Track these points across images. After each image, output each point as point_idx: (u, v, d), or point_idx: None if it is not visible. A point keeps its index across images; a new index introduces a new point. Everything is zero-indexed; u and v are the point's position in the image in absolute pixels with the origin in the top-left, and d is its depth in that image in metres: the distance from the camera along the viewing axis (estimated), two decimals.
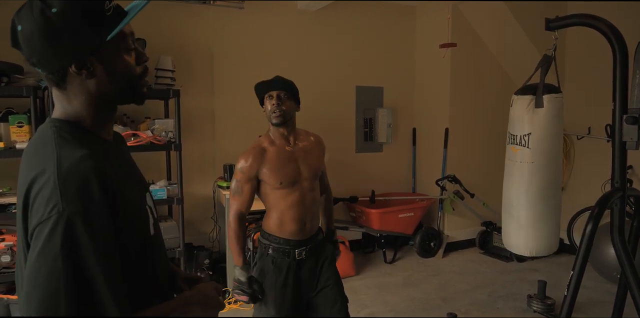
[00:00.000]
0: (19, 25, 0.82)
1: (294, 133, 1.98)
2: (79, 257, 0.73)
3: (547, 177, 2.14)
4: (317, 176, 1.99)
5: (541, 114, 2.06)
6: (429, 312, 3.15)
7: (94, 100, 0.88)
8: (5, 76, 2.71)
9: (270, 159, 1.89)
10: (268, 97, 1.91)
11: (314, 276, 1.97)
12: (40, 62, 0.84)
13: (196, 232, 3.90)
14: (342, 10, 4.37)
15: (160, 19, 3.59)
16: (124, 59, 0.89)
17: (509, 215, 2.28)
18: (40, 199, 0.76)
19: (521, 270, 4.00)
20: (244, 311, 3.15)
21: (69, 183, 0.76)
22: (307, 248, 1.95)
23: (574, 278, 1.76)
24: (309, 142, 2.02)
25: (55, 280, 0.72)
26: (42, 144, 0.84)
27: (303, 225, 1.93)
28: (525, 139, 2.11)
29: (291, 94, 1.92)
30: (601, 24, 1.83)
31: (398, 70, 4.77)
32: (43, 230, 0.74)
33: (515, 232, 2.24)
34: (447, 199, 4.42)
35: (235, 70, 3.99)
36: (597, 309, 3.16)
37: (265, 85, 1.92)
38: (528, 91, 2.12)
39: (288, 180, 1.89)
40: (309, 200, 1.95)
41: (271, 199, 1.94)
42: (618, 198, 1.86)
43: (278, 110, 1.86)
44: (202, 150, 3.92)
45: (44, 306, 0.72)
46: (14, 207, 2.73)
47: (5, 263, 2.67)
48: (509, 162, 2.27)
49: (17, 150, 2.73)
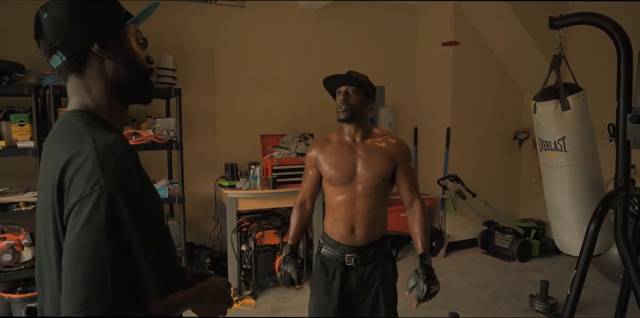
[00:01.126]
0: (44, 14, 0.88)
1: (363, 131, 1.84)
2: (121, 231, 0.76)
3: (590, 177, 2.11)
4: (376, 182, 1.81)
5: (570, 116, 2.03)
6: (430, 312, 3.14)
7: (111, 87, 0.93)
8: (7, 75, 2.70)
9: (328, 152, 1.84)
10: (337, 92, 1.82)
11: (363, 287, 1.85)
12: (64, 44, 0.88)
13: (197, 231, 3.89)
14: (343, 9, 4.36)
15: (162, 18, 3.58)
16: (138, 48, 0.96)
17: (558, 220, 2.24)
18: (79, 177, 0.78)
19: (523, 270, 3.99)
20: (245, 311, 3.15)
21: (108, 161, 0.78)
22: (357, 256, 1.83)
23: (576, 278, 1.75)
24: (379, 145, 1.84)
25: (101, 252, 0.74)
26: (70, 130, 0.87)
27: (351, 229, 1.83)
28: (561, 144, 2.07)
29: (362, 89, 1.80)
30: (606, 22, 1.82)
31: (400, 70, 4.76)
32: (85, 205, 0.75)
33: (568, 234, 2.20)
34: (449, 199, 4.41)
35: (237, 69, 3.98)
36: (600, 309, 3.15)
37: (334, 80, 1.83)
38: (549, 95, 2.07)
39: (338, 179, 1.81)
40: (362, 205, 1.81)
41: (327, 194, 1.90)
42: (622, 197, 1.85)
43: (344, 106, 1.77)
44: (204, 149, 3.91)
45: (89, 279, 0.73)
46: (15, 206, 2.73)
47: (7, 262, 2.66)
48: (547, 169, 2.22)
49: (19, 149, 2.73)
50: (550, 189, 2.23)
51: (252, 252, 3.38)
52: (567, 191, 2.13)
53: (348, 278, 1.84)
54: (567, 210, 2.15)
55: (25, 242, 2.72)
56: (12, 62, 2.70)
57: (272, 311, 3.15)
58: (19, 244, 2.71)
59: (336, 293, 1.83)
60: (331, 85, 1.84)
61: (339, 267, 1.84)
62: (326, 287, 1.84)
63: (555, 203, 2.22)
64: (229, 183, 3.54)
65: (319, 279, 1.88)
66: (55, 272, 0.80)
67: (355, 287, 1.84)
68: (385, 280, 1.87)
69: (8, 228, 2.77)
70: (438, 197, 4.48)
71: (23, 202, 2.72)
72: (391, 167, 1.83)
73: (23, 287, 2.80)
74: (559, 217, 2.21)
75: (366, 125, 1.85)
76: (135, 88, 0.97)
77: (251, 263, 3.40)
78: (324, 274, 1.86)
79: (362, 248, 1.84)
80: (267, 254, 3.42)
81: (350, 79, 1.79)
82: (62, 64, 0.90)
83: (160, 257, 0.92)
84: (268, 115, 4.10)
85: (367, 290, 1.85)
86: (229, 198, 3.42)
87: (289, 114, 4.07)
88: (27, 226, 2.78)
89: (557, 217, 2.24)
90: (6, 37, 3.11)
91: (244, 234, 3.45)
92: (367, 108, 1.83)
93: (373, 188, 1.81)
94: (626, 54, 1.79)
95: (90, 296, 0.72)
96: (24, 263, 2.72)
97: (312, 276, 1.95)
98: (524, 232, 4.30)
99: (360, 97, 1.79)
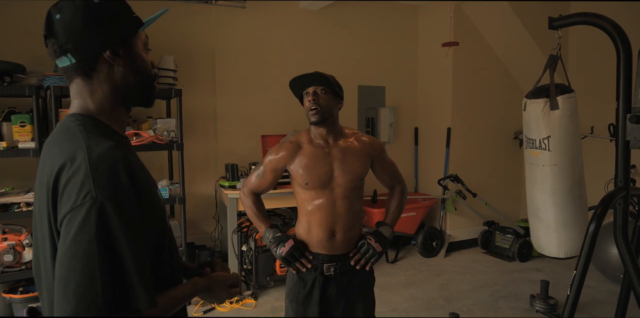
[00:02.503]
0: (57, 14, 0.87)
1: (335, 133, 1.78)
2: (111, 241, 0.77)
3: (572, 178, 2.12)
4: (354, 183, 1.77)
5: (557, 116, 2.04)
6: (431, 312, 3.14)
7: (117, 91, 0.93)
8: (8, 76, 2.71)
9: (303, 157, 1.75)
10: (305, 94, 1.75)
11: (343, 296, 1.80)
12: (76, 47, 0.88)
13: (198, 231, 3.90)
14: (344, 9, 4.36)
15: (163, 18, 3.55)
16: (145, 55, 0.98)
17: (537, 219, 2.25)
18: (71, 186, 0.78)
19: (523, 270, 3.99)
20: (246, 311, 3.16)
21: (100, 171, 0.79)
22: (338, 265, 1.77)
23: (576, 278, 1.75)
24: (352, 145, 1.79)
25: (92, 262, 0.75)
26: (67, 135, 0.87)
27: (331, 234, 1.76)
28: (545, 143, 2.09)
29: (330, 89, 1.73)
30: (605, 22, 1.83)
31: (400, 70, 4.77)
32: (77, 216, 0.76)
33: (546, 235, 2.21)
34: (449, 199, 4.41)
35: (237, 70, 3.99)
36: (600, 309, 3.15)
37: (300, 82, 1.75)
38: (540, 94, 2.10)
39: (316, 183, 1.74)
40: (341, 208, 1.76)
41: (299, 199, 1.82)
42: (621, 197, 1.85)
43: (315, 107, 1.69)
44: (204, 149, 3.92)
45: (80, 288, 0.74)
46: (16, 207, 2.73)
47: (8, 263, 2.67)
48: (530, 166, 2.24)
49: (20, 150, 2.74)
50: (532, 188, 2.25)
51: (252, 253, 3.38)
52: (548, 190, 2.14)
53: (328, 288, 1.79)
54: (547, 210, 2.17)
55: (27, 242, 2.73)
56: (14, 63, 2.71)
57: (272, 311, 3.15)
58: (20, 245, 2.72)
59: (316, 303, 1.77)
60: (298, 87, 1.77)
61: (318, 277, 1.77)
62: (305, 298, 1.78)
63: (535, 202, 2.24)
64: (230, 183, 3.55)
65: (296, 292, 1.80)
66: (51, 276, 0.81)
67: (335, 295, 1.79)
68: (365, 287, 1.86)
69: (9, 228, 2.78)
70: (438, 197, 4.48)
71: (24, 203, 2.73)
72: (367, 166, 1.83)
73: (24, 287, 2.81)
74: (538, 216, 2.23)
75: (337, 126, 1.80)
76: (141, 93, 0.98)
77: (252, 263, 3.40)
78: (302, 287, 1.79)
79: (340, 257, 1.79)
80: (268, 254, 3.42)
81: (319, 78, 1.72)
82: (70, 65, 0.90)
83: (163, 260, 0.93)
84: (269, 115, 4.11)
85: (347, 298, 1.81)
86: (230, 199, 3.43)
87: (289, 115, 4.08)
88: (29, 226, 2.79)
89: (535, 216, 2.25)
90: (8, 38, 3.12)
91: (245, 234, 3.45)
92: (337, 108, 1.78)
93: (351, 190, 1.77)
94: (625, 54, 1.79)
95: (81, 306, 0.74)
96: (25, 263, 2.73)
97: (288, 287, 1.84)
98: (525, 232, 4.30)
99: (330, 97, 1.73)
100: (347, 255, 1.80)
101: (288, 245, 1.75)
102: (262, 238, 1.86)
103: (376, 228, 1.86)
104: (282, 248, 1.75)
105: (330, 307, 1.80)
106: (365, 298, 1.87)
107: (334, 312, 1.81)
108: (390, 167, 1.92)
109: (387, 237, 1.83)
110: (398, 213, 1.92)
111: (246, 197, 1.89)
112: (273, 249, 1.79)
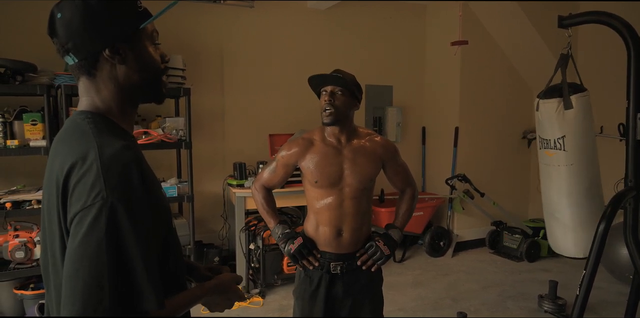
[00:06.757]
0: (58, 13, 0.87)
1: (348, 132, 1.77)
2: (121, 241, 0.76)
3: (588, 177, 2.11)
4: (363, 184, 1.76)
5: (572, 115, 2.03)
6: (438, 312, 3.14)
7: (122, 90, 0.92)
8: (20, 75, 2.74)
9: (314, 154, 1.75)
10: (323, 92, 1.74)
11: (349, 294, 1.80)
12: (76, 47, 0.87)
13: (206, 229, 3.92)
14: (352, 9, 4.36)
15: (171, 18, 3.60)
16: (152, 51, 0.95)
17: (553, 219, 2.23)
18: (82, 186, 0.78)
19: (532, 270, 3.97)
20: (253, 309, 3.17)
21: (112, 172, 0.78)
22: (344, 264, 1.78)
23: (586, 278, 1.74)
24: (365, 146, 1.78)
25: (100, 263, 0.75)
26: (78, 133, 0.87)
27: (338, 233, 1.76)
28: (560, 142, 2.07)
29: (348, 90, 1.72)
30: (615, 21, 1.81)
31: (407, 69, 4.76)
32: (87, 215, 0.76)
33: (563, 235, 2.20)
34: (457, 198, 4.40)
35: (245, 69, 4.00)
36: (609, 310, 3.13)
37: (319, 79, 1.74)
38: (553, 93, 2.08)
39: (325, 181, 1.74)
40: (349, 208, 1.75)
41: (309, 196, 1.82)
42: (632, 197, 1.84)
43: (329, 109, 1.68)
44: (212, 148, 3.94)
45: (88, 287, 0.74)
46: (28, 204, 2.77)
47: (20, 259, 2.71)
48: (545, 167, 2.22)
49: (31, 148, 2.77)
50: (548, 188, 2.23)
51: (260, 251, 3.40)
52: (564, 190, 2.12)
53: (334, 286, 1.79)
54: (563, 210, 2.15)
55: (38, 239, 2.76)
56: (25, 62, 2.74)
57: (280, 310, 3.16)
58: (31, 242, 2.75)
59: (322, 301, 1.78)
60: (316, 84, 1.77)
61: (325, 275, 1.78)
62: (311, 295, 1.80)
63: (551, 203, 2.22)
64: (238, 182, 3.56)
65: (302, 289, 1.82)
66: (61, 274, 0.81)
67: (342, 294, 1.80)
68: (373, 286, 1.86)
69: (21, 225, 2.81)
70: (446, 196, 4.47)
71: (35, 200, 2.76)
72: (378, 168, 1.81)
73: (35, 283, 2.85)
74: (555, 217, 2.21)
75: (351, 126, 1.79)
76: (147, 90, 0.97)
77: (259, 261, 3.42)
78: (308, 284, 1.80)
79: (347, 256, 1.79)
80: (276, 253, 3.44)
81: (337, 79, 1.71)
82: (74, 64, 0.90)
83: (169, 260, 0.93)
84: (276, 114, 4.12)
85: (354, 297, 1.81)
86: (238, 197, 3.44)
87: (297, 114, 4.08)
88: (40, 224, 2.82)
89: (552, 217, 2.24)
90: (19, 38, 3.15)
91: (252, 233, 3.47)
92: (353, 109, 1.77)
93: (360, 190, 1.76)
94: (636, 53, 1.78)
95: (88, 306, 0.74)
96: (36, 260, 2.77)
97: (296, 284, 1.88)
98: (533, 232, 4.28)
99: (346, 99, 1.72)
100: (354, 255, 1.80)
101: (297, 242, 1.77)
102: (271, 234, 1.87)
103: (386, 230, 1.85)
104: (291, 245, 1.77)
105: (336, 305, 1.81)
106: (373, 297, 1.87)
107: (341, 310, 1.82)
108: (402, 169, 1.91)
109: (395, 240, 1.82)
110: (408, 216, 1.91)
111: (258, 192, 1.91)
112: (282, 245, 1.80)
